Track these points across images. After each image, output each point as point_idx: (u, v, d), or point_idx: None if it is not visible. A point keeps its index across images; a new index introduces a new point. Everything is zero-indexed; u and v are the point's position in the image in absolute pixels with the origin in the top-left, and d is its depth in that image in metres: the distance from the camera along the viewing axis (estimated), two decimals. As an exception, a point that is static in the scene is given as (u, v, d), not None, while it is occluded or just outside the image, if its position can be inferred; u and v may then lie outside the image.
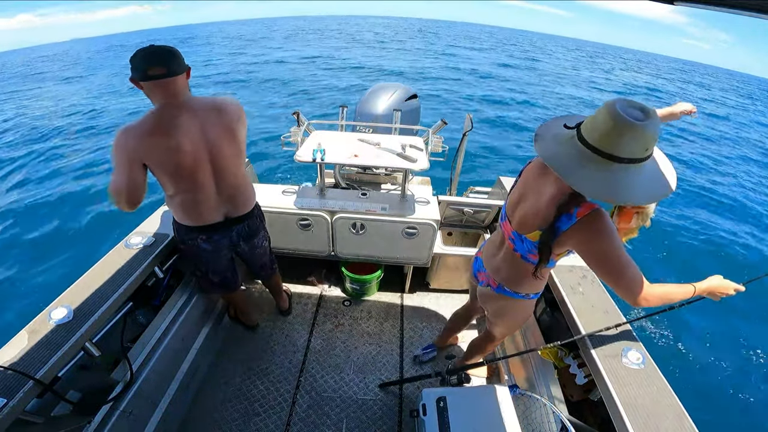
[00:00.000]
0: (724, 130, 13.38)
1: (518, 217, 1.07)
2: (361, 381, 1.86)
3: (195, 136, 1.24)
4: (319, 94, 12.43)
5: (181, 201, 1.36)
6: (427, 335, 2.13)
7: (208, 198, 1.38)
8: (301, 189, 2.08)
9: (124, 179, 1.17)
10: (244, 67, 19.00)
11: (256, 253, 1.74)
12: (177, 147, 1.20)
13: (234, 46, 31.56)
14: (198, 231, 1.46)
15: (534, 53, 37.42)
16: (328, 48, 28.11)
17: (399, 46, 32.08)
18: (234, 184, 1.43)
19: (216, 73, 17.28)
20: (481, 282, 1.33)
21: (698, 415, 1.04)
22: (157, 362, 1.58)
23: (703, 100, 22.01)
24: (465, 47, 34.89)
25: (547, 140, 0.90)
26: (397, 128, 2.51)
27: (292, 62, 20.25)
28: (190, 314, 1.84)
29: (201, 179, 1.31)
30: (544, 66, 25.57)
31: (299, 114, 2.41)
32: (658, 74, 36.97)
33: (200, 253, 1.54)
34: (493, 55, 29.40)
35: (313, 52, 24.87)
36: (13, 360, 1.08)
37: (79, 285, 1.39)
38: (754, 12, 0.52)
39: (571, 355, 1.46)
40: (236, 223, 1.53)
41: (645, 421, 1.02)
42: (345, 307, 2.29)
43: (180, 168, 1.24)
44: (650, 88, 24.75)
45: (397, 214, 1.92)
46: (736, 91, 32.59)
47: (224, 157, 1.34)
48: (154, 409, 1.57)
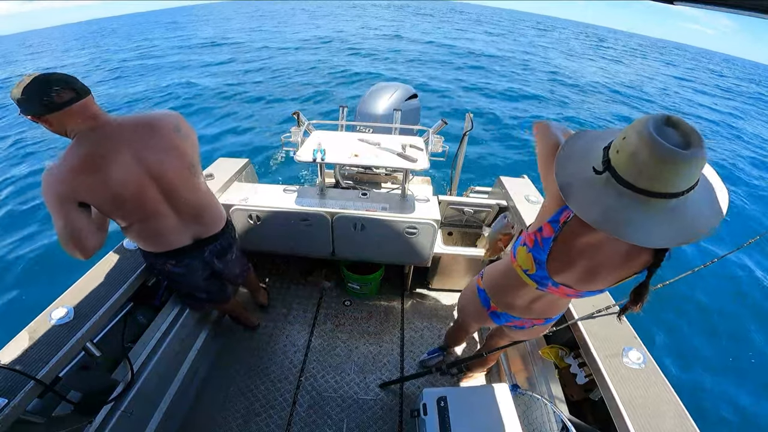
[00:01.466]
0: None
1: (593, 281, 0.86)
2: (362, 381, 1.86)
3: (127, 162, 1.08)
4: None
5: (138, 230, 1.24)
6: (428, 335, 2.13)
7: (168, 224, 1.26)
8: (302, 189, 2.08)
9: (62, 224, 1.03)
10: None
11: (229, 266, 1.63)
12: (107, 180, 1.05)
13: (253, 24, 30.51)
14: (165, 256, 1.34)
15: (544, 36, 36.44)
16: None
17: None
18: (195, 204, 1.30)
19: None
20: (521, 327, 1.21)
21: (699, 415, 1.04)
22: (158, 362, 1.58)
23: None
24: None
25: (584, 196, 0.70)
26: (397, 128, 2.51)
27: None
28: (190, 315, 1.84)
29: (151, 207, 1.19)
30: (558, 55, 24.93)
31: (299, 114, 2.41)
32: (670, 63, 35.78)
33: (173, 276, 1.45)
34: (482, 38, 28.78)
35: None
36: (13, 360, 1.08)
37: (79, 285, 1.39)
38: (754, 12, 0.52)
39: (571, 355, 1.47)
40: (207, 244, 1.42)
41: (646, 420, 1.02)
42: (345, 307, 2.30)
43: (119, 201, 1.11)
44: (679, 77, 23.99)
45: (398, 213, 1.92)
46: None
47: (172, 178, 1.19)
48: (155, 409, 1.57)
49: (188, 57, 16.83)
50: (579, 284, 0.89)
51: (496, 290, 1.16)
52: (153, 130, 1.15)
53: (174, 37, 25.79)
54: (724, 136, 10.98)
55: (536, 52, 23.69)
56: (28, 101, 0.95)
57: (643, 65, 27.70)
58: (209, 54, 17.44)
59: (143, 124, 1.14)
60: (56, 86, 0.96)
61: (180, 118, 1.23)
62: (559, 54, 24.70)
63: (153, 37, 26.92)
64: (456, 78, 13.37)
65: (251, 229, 2.02)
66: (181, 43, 21.68)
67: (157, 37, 26.70)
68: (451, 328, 1.82)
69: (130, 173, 1.09)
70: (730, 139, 10.80)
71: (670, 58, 40.81)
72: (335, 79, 12.27)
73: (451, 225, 2.43)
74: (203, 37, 24.06)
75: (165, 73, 13.56)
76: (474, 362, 1.73)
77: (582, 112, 11.15)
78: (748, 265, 4.58)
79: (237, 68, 14.07)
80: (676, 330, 3.57)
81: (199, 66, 14.60)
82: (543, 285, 0.96)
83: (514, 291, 1.07)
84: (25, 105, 0.96)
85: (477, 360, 1.64)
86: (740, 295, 4.06)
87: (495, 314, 1.21)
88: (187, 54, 17.72)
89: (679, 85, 20.56)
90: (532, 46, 27.09)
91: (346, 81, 12.09)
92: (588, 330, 1.30)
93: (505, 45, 25.60)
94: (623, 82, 17.33)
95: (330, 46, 19.45)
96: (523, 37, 34.58)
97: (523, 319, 1.15)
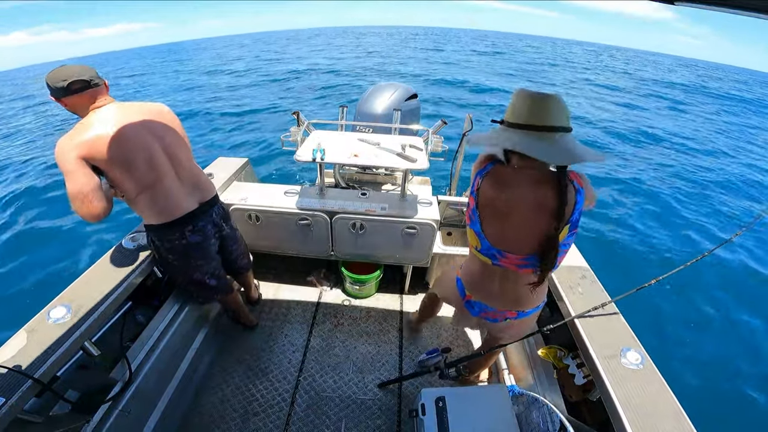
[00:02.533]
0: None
1: (526, 240, 1.00)
2: (361, 381, 1.86)
3: (137, 128, 1.26)
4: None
5: (149, 198, 1.33)
6: (427, 335, 2.13)
7: (174, 186, 1.37)
8: (301, 189, 2.08)
9: (76, 186, 1.15)
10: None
11: (236, 234, 1.76)
12: (122, 139, 1.21)
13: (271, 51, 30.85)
14: (181, 224, 1.42)
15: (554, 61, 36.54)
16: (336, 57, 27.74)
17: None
18: (193, 172, 1.46)
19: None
20: (494, 319, 1.25)
21: (696, 416, 1.04)
22: (156, 361, 1.58)
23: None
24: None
25: (494, 140, 0.98)
26: (396, 128, 2.51)
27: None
28: (189, 314, 1.84)
29: (159, 166, 1.31)
30: (559, 71, 24.94)
31: (299, 114, 2.41)
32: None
33: (191, 250, 1.49)
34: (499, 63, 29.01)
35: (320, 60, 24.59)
36: (11, 359, 1.08)
37: (78, 284, 1.39)
38: (754, 12, 0.52)
39: (570, 356, 1.47)
40: (211, 206, 1.54)
41: (643, 421, 1.02)
42: (344, 307, 2.29)
43: (132, 158, 1.24)
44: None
45: (397, 214, 1.92)
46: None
47: (174, 147, 1.36)
48: (153, 408, 1.57)
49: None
50: (515, 246, 1.02)
51: (468, 278, 1.25)
52: (155, 111, 1.36)
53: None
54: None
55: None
56: (51, 85, 1.18)
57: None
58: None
59: (147, 107, 1.35)
60: (71, 74, 1.18)
61: (171, 113, 1.44)
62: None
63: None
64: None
65: (250, 228, 2.02)
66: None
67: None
68: (425, 301, 1.82)
69: (140, 137, 1.26)
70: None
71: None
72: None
73: (450, 225, 2.43)
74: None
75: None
76: (473, 363, 1.73)
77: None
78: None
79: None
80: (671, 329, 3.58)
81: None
82: (494, 258, 1.08)
83: (480, 275, 1.19)
84: (51, 89, 1.19)
85: (476, 360, 1.64)
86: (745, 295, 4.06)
87: (469, 303, 1.27)
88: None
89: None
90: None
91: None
92: (586, 331, 1.30)
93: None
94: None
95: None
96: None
97: (496, 311, 1.21)
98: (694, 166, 7.99)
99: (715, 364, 3.24)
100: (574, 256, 1.70)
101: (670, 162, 8.04)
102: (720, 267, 4.38)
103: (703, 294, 3.96)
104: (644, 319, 3.47)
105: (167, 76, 21.32)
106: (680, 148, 9.30)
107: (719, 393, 3.01)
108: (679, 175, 7.35)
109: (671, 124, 11.71)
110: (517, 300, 1.15)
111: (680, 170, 7.59)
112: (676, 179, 7.11)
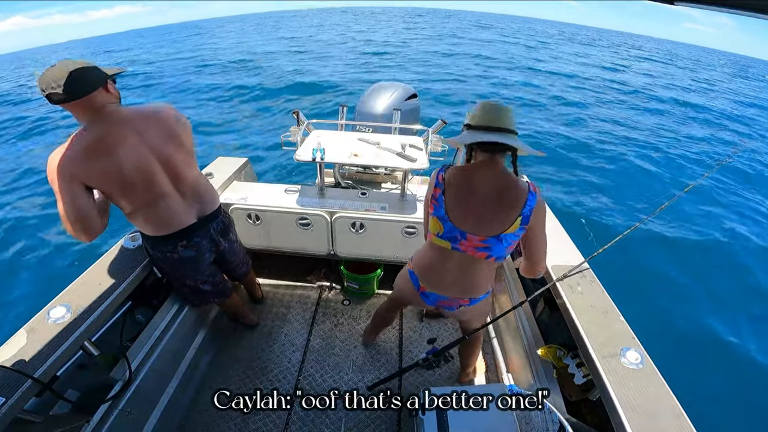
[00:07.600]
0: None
1: (485, 222, 1.12)
2: (360, 380, 1.86)
3: (136, 146, 1.17)
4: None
5: (146, 215, 1.28)
6: (426, 335, 2.13)
7: (174, 203, 1.32)
8: (301, 188, 2.08)
9: (68, 206, 1.08)
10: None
11: (234, 247, 1.70)
12: (119, 163, 1.12)
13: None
14: (176, 238, 1.37)
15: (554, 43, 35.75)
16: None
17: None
18: (195, 184, 1.40)
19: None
20: (449, 307, 1.34)
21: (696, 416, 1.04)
22: (156, 361, 1.58)
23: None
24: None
25: (466, 138, 1.13)
26: (396, 128, 2.51)
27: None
28: (189, 313, 1.84)
29: (159, 189, 1.25)
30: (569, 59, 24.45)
31: (299, 113, 2.41)
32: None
33: (182, 263, 1.46)
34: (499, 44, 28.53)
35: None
36: (11, 359, 1.08)
37: (77, 284, 1.39)
38: (754, 12, 0.52)
39: (569, 355, 1.47)
40: (210, 221, 1.49)
41: (643, 421, 1.02)
42: (344, 307, 2.29)
43: (130, 183, 1.17)
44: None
45: (397, 213, 1.92)
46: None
47: (175, 161, 1.28)
48: (153, 408, 1.57)
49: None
50: (478, 228, 1.12)
51: (421, 269, 1.33)
52: (157, 118, 1.25)
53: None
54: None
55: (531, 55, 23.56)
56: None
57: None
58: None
59: (147, 114, 1.24)
60: (50, 84, 1.02)
61: (177, 112, 1.34)
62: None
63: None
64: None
65: (250, 228, 2.02)
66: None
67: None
68: (382, 308, 1.79)
69: (139, 156, 1.18)
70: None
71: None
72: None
73: None
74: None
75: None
76: (465, 356, 1.75)
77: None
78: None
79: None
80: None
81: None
82: (455, 241, 1.16)
83: (434, 265, 1.27)
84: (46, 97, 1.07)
85: (465, 351, 1.72)
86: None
87: (424, 294, 1.35)
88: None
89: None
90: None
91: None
92: (586, 330, 1.30)
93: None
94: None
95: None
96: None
97: (450, 299, 1.30)
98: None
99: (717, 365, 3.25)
100: (573, 256, 1.70)
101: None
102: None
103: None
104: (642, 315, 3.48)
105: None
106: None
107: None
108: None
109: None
110: (468, 287, 1.26)
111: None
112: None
